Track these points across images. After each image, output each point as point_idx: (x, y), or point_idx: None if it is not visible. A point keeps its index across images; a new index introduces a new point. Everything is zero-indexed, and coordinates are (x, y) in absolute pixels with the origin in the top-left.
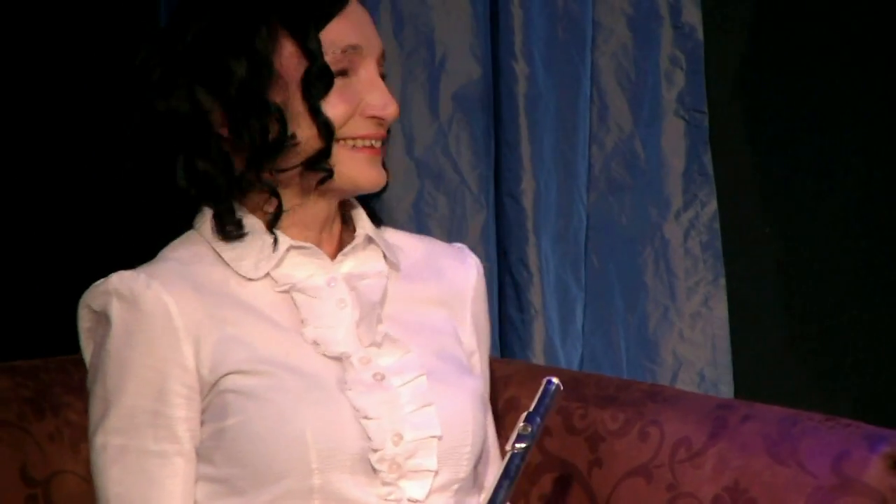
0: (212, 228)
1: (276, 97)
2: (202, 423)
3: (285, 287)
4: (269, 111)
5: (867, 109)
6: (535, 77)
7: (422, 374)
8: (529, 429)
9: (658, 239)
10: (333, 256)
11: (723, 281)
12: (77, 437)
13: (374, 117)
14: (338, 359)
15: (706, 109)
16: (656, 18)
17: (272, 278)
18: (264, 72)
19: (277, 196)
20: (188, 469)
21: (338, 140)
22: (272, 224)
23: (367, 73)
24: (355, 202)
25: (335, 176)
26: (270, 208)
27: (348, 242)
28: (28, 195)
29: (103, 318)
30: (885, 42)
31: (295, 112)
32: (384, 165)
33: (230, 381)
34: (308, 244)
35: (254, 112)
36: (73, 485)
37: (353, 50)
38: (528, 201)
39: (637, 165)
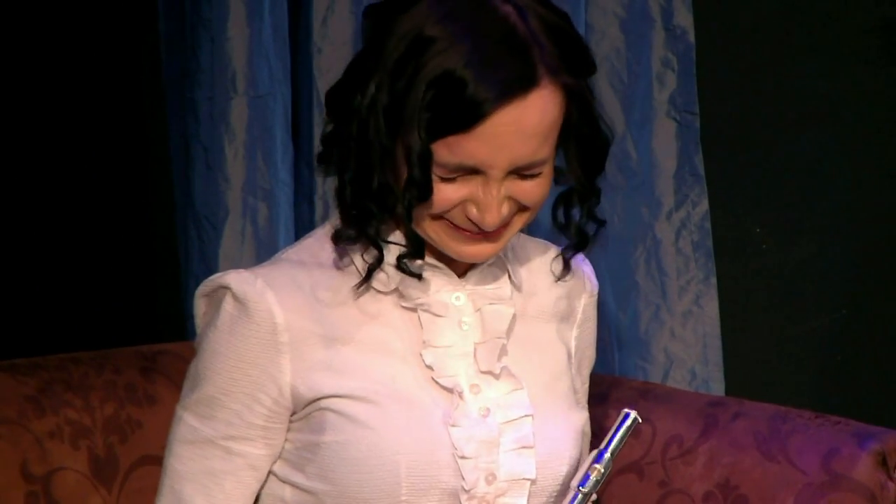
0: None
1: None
2: (295, 430)
3: (412, 305)
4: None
5: (857, 110)
6: None
7: (528, 415)
8: (599, 467)
9: (650, 239)
10: (462, 275)
11: (714, 280)
12: (77, 434)
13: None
14: (449, 390)
15: (697, 111)
16: (648, 21)
17: (400, 293)
18: (378, 142)
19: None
20: (251, 475)
21: (440, 218)
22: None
23: (479, 185)
24: None
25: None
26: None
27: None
28: (28, 195)
29: (214, 306)
30: (874, 43)
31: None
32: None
33: (333, 402)
34: (440, 264)
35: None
36: (73, 482)
37: (465, 170)
38: None
39: (629, 166)
